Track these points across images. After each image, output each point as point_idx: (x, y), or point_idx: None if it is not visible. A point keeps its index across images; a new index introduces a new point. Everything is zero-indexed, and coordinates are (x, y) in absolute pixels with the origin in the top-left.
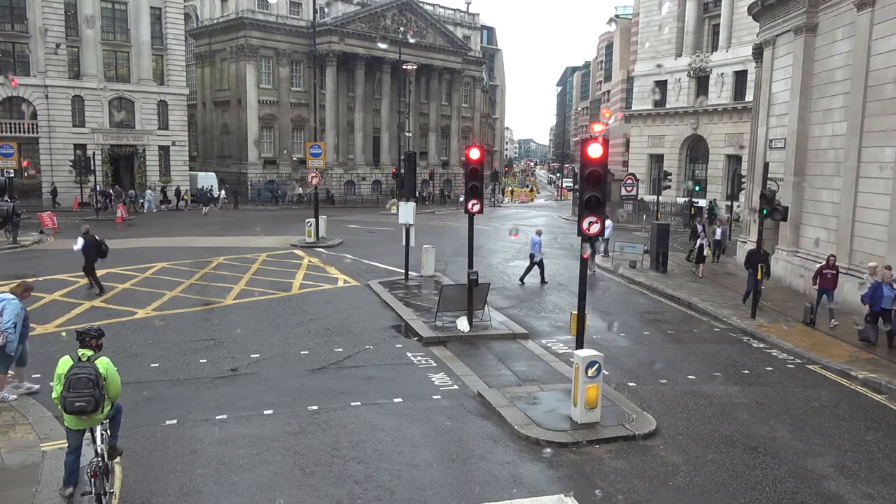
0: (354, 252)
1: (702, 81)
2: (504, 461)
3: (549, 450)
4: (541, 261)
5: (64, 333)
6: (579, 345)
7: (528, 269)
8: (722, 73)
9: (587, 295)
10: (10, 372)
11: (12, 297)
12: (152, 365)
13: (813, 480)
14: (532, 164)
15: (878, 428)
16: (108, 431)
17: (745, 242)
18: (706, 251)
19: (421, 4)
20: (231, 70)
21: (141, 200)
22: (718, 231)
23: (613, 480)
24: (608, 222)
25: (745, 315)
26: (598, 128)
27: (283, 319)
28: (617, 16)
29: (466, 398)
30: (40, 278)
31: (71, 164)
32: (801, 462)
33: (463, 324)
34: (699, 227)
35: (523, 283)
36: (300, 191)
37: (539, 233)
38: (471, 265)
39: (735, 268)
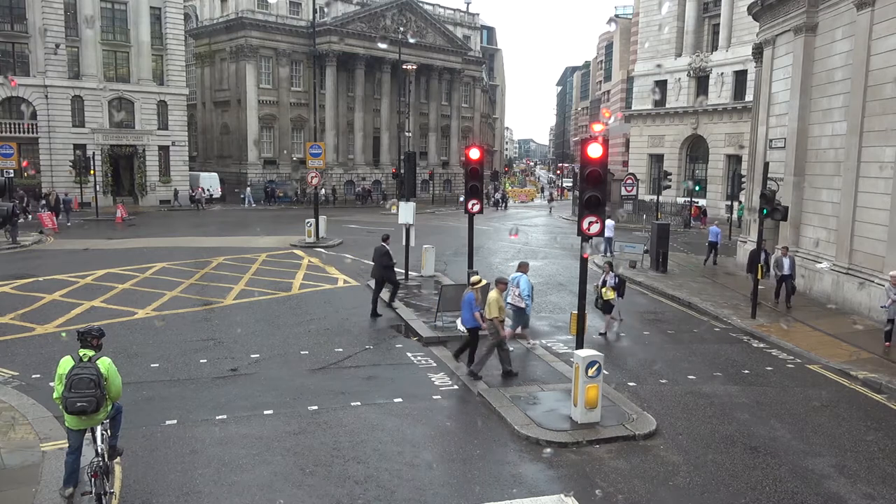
0: (354, 252)
1: (702, 81)
2: (504, 461)
3: (549, 450)
4: (716, 245)
5: (64, 334)
6: (579, 345)
7: (709, 254)
8: (722, 73)
9: (587, 295)
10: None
11: (521, 273)
12: (152, 365)
13: (813, 480)
14: (532, 163)
15: (878, 428)
16: (109, 431)
17: (745, 242)
18: None
19: (421, 4)
20: (231, 70)
21: (242, 196)
22: (786, 263)
23: (613, 480)
24: (609, 222)
25: (745, 315)
26: (598, 128)
27: (283, 319)
28: (617, 16)
29: (467, 398)
30: (40, 278)
31: (71, 164)
32: (802, 462)
33: None
34: (766, 257)
35: (706, 264)
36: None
37: (717, 223)
38: (471, 265)
39: (734, 267)
